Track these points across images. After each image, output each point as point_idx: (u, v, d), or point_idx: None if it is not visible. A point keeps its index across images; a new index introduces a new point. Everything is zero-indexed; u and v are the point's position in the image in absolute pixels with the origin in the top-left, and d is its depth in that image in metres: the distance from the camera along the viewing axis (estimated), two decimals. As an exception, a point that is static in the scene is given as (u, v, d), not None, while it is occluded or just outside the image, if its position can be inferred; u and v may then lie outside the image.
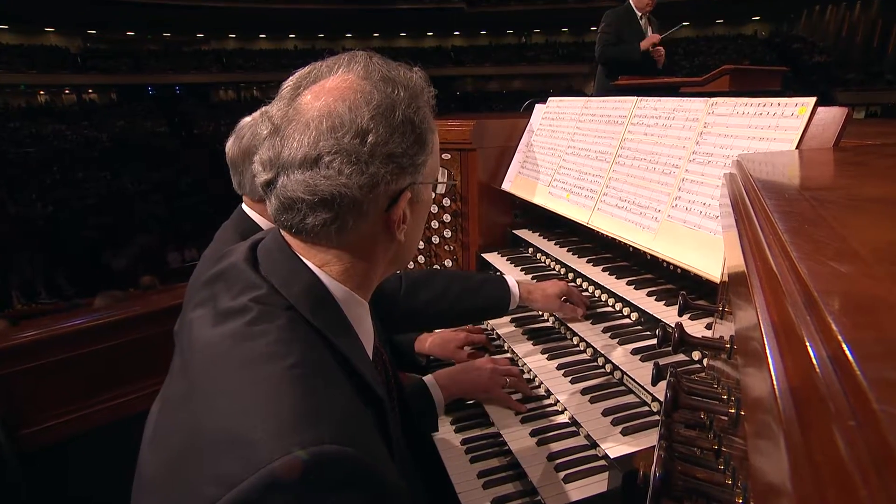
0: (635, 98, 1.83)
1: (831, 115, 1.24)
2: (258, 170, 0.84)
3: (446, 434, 1.54)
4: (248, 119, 1.74)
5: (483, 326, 1.98)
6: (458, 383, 1.56)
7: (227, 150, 1.74)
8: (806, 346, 0.34)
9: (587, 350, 1.66)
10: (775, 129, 1.32)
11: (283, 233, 0.87)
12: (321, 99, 0.80)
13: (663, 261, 1.59)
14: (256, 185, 1.72)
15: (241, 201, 1.83)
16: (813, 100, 1.27)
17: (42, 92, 35.73)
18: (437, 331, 1.88)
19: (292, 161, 0.79)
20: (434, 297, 1.63)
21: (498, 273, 2.14)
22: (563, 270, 2.00)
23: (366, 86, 0.81)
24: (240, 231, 1.69)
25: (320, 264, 0.85)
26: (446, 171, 1.04)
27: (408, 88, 0.84)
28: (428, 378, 1.54)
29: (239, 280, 0.83)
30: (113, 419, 2.39)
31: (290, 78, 0.86)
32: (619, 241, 1.72)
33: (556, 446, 1.37)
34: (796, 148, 1.26)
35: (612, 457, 1.19)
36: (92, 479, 2.32)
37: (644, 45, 4.55)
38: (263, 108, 1.67)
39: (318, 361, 0.75)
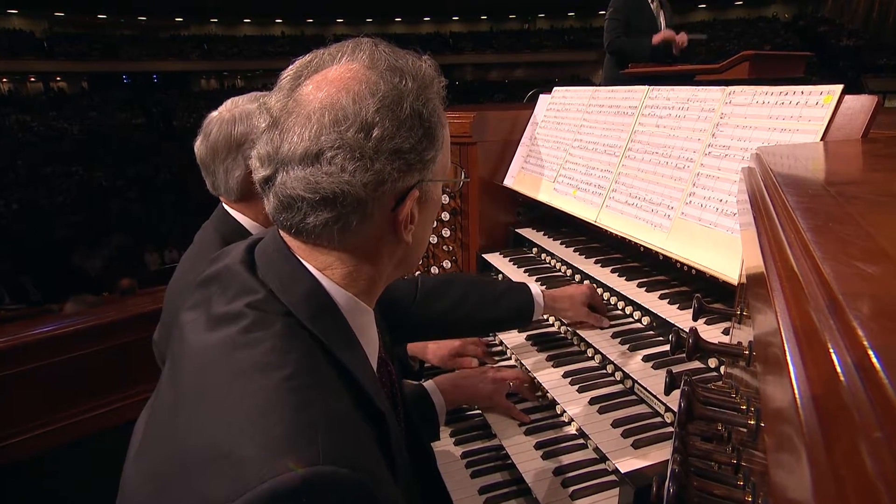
0: (647, 87, 1.83)
1: (860, 104, 1.24)
2: (255, 165, 0.84)
3: (446, 446, 1.54)
4: (214, 114, 1.70)
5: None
6: (459, 389, 1.56)
7: (195, 150, 1.69)
8: (830, 352, 0.34)
9: (595, 357, 1.66)
10: (798, 119, 1.32)
11: (282, 233, 0.87)
12: (323, 90, 0.80)
13: (677, 261, 1.59)
14: (231, 186, 1.71)
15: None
16: (839, 87, 1.27)
17: (5, 80, 35.62)
18: None
19: (292, 156, 0.78)
20: (450, 306, 1.60)
21: (500, 275, 2.15)
22: (569, 272, 2.00)
23: (371, 76, 0.81)
24: (221, 231, 1.68)
25: (322, 268, 0.85)
26: (459, 168, 1.04)
27: (416, 79, 0.84)
28: (428, 383, 1.55)
29: (234, 283, 0.83)
30: (90, 432, 2.38)
31: (290, 67, 0.86)
32: (630, 241, 1.73)
33: (562, 460, 1.38)
34: (821, 140, 1.26)
35: (622, 471, 1.19)
36: (69, 496, 2.32)
37: (657, 40, 4.52)
38: (233, 99, 1.66)
39: (316, 373, 0.75)
